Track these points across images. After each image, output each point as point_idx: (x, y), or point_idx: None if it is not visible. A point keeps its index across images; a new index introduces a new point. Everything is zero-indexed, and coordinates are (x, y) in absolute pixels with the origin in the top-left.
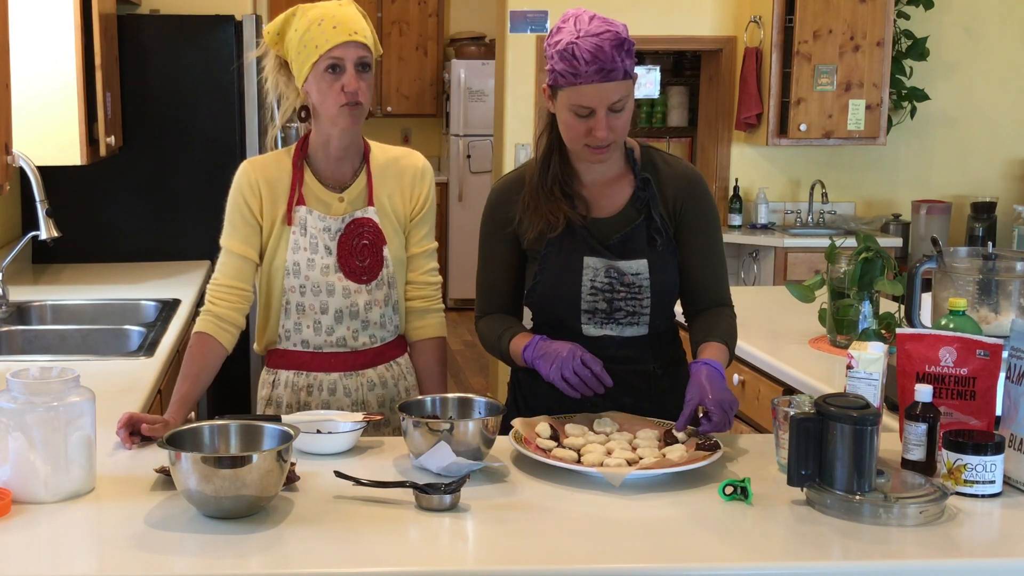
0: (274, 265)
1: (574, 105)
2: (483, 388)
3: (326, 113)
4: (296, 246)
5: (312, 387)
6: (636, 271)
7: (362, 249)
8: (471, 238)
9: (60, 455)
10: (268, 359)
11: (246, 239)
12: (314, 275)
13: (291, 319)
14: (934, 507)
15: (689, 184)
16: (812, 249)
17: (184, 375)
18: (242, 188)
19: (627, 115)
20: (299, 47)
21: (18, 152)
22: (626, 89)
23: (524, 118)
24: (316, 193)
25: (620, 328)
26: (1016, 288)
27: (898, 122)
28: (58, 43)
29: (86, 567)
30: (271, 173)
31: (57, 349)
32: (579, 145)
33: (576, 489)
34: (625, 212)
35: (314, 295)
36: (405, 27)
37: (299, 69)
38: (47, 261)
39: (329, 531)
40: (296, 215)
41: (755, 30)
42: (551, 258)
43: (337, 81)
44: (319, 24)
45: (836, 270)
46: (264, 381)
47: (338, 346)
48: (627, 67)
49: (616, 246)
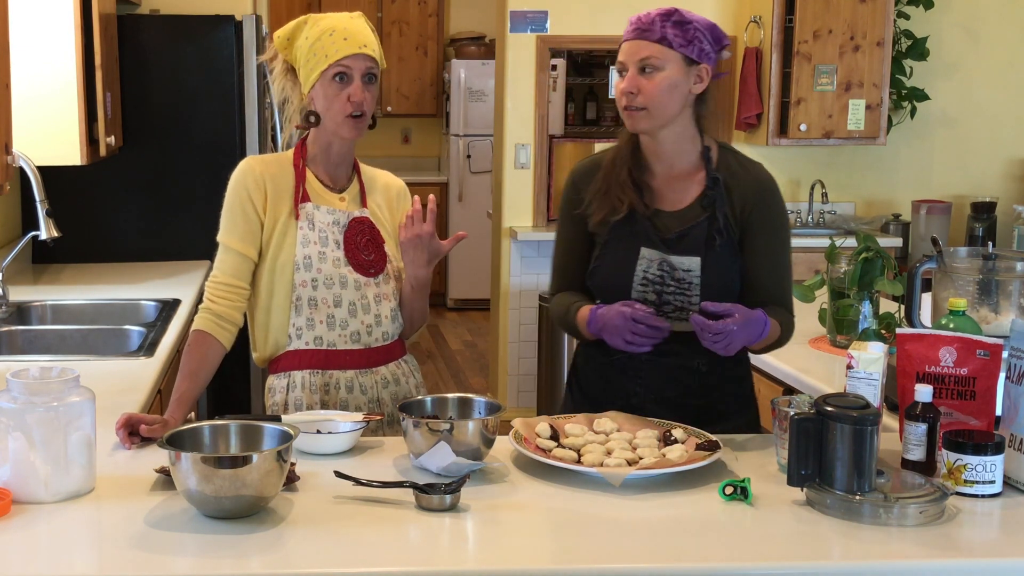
0: (279, 262)
1: (617, 63)
2: (483, 388)
3: (331, 121)
4: (305, 240)
5: (329, 386)
6: (688, 267)
7: (366, 244)
8: (471, 238)
9: (60, 455)
10: (278, 363)
11: (245, 236)
12: (326, 268)
13: (303, 315)
14: (934, 507)
15: (760, 189)
16: (812, 249)
17: (183, 374)
18: (246, 183)
19: (659, 82)
20: (308, 55)
21: (18, 152)
22: (662, 53)
23: (524, 118)
24: (318, 192)
25: (671, 322)
26: (1016, 288)
27: (898, 122)
28: (58, 43)
29: (86, 567)
30: (274, 170)
31: (57, 349)
32: (620, 108)
33: (576, 489)
34: (691, 208)
35: (327, 288)
36: (405, 27)
37: (307, 76)
38: (47, 261)
39: (329, 531)
40: (303, 210)
41: (755, 30)
42: (611, 244)
43: (344, 90)
44: (330, 35)
45: (836, 270)
46: (274, 387)
47: (353, 342)
48: (669, 34)
49: (673, 241)
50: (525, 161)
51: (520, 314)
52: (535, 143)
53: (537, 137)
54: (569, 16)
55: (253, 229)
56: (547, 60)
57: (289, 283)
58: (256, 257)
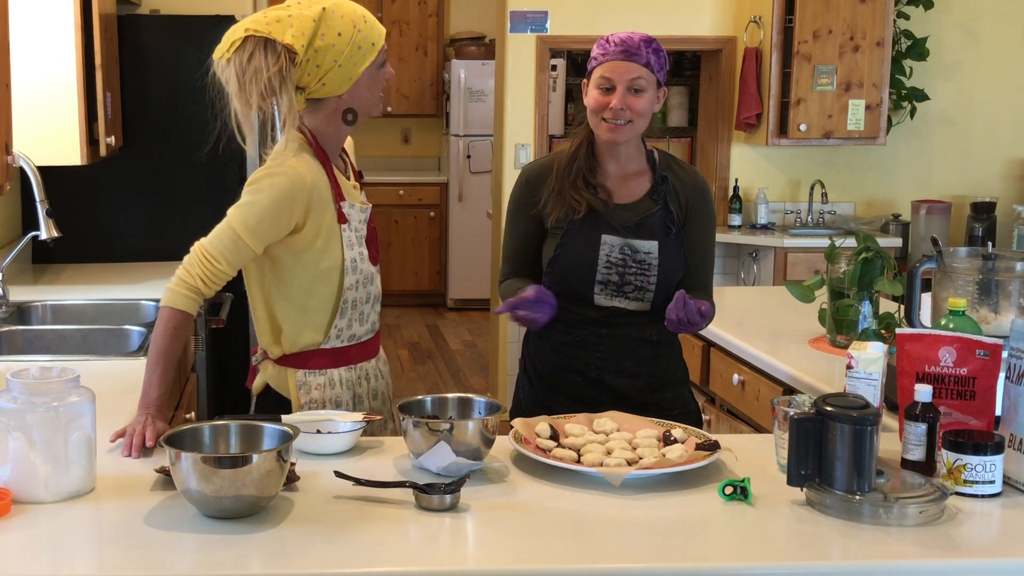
0: (322, 266)
1: (600, 79)
2: (483, 388)
3: (373, 103)
4: (350, 243)
5: (361, 378)
6: (648, 250)
7: (373, 233)
8: (471, 238)
9: (60, 455)
10: (310, 360)
11: (264, 238)
12: (365, 267)
13: (346, 318)
14: (934, 507)
15: (699, 189)
16: (812, 249)
17: (169, 360)
18: (293, 196)
19: (645, 101)
20: (352, 48)
21: (18, 152)
22: (647, 76)
23: (524, 118)
24: (343, 185)
25: (627, 301)
26: (1016, 288)
27: (898, 122)
28: (58, 43)
29: (86, 567)
30: (316, 174)
31: (57, 349)
32: (599, 120)
33: (576, 489)
34: (643, 201)
35: (363, 287)
36: (405, 27)
37: (350, 71)
38: (47, 261)
39: (329, 531)
40: (345, 211)
41: (755, 30)
42: (572, 235)
43: (382, 72)
44: (364, 21)
45: (836, 270)
46: (310, 384)
47: (370, 332)
48: (651, 60)
49: (633, 228)
50: (525, 161)
51: None
52: (535, 143)
53: (537, 137)
54: (569, 16)
55: (276, 235)
56: (547, 60)
57: (335, 286)
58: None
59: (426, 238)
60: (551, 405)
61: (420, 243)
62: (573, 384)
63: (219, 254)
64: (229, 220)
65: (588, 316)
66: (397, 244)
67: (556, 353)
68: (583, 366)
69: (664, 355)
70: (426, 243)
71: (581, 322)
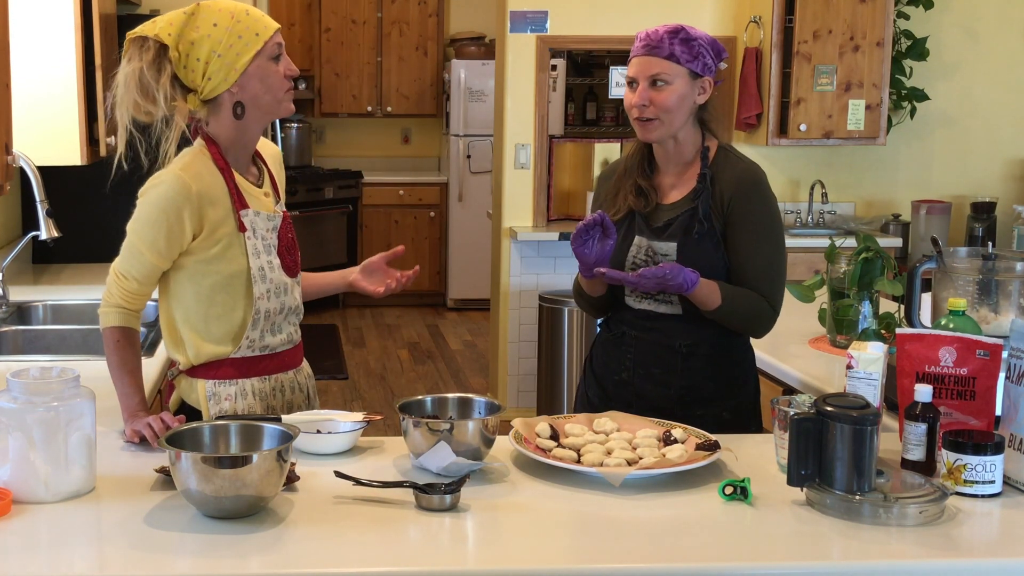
0: (225, 274)
1: (626, 77)
2: (483, 388)
3: (271, 100)
4: (255, 251)
5: (276, 390)
6: (665, 252)
7: (290, 243)
8: (471, 238)
9: (60, 455)
10: (219, 370)
11: (165, 252)
12: (276, 277)
13: (258, 328)
14: (934, 507)
15: (740, 184)
16: (812, 249)
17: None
18: (178, 206)
19: (669, 95)
20: (231, 38)
21: (18, 152)
22: (672, 69)
23: (524, 118)
24: (247, 190)
25: (656, 304)
26: (1016, 288)
27: (898, 122)
28: (58, 43)
29: (86, 567)
30: (207, 182)
31: (57, 349)
32: (632, 118)
33: (576, 489)
34: (683, 201)
35: (276, 297)
36: (405, 27)
37: (231, 63)
38: (47, 261)
39: (329, 531)
40: (245, 219)
41: (755, 30)
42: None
43: (278, 66)
44: (246, 14)
45: (836, 270)
46: (220, 394)
47: (287, 343)
48: (676, 51)
49: (660, 229)
50: (525, 161)
51: (520, 314)
52: (535, 143)
53: (537, 137)
54: (569, 16)
55: (176, 246)
56: (547, 60)
57: (242, 295)
58: (169, 265)
59: (426, 238)
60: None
61: (420, 243)
62: (612, 383)
63: (127, 273)
64: (129, 236)
65: (625, 317)
66: (397, 244)
67: (604, 351)
68: (617, 365)
69: (697, 369)
70: (426, 243)
71: (619, 322)
